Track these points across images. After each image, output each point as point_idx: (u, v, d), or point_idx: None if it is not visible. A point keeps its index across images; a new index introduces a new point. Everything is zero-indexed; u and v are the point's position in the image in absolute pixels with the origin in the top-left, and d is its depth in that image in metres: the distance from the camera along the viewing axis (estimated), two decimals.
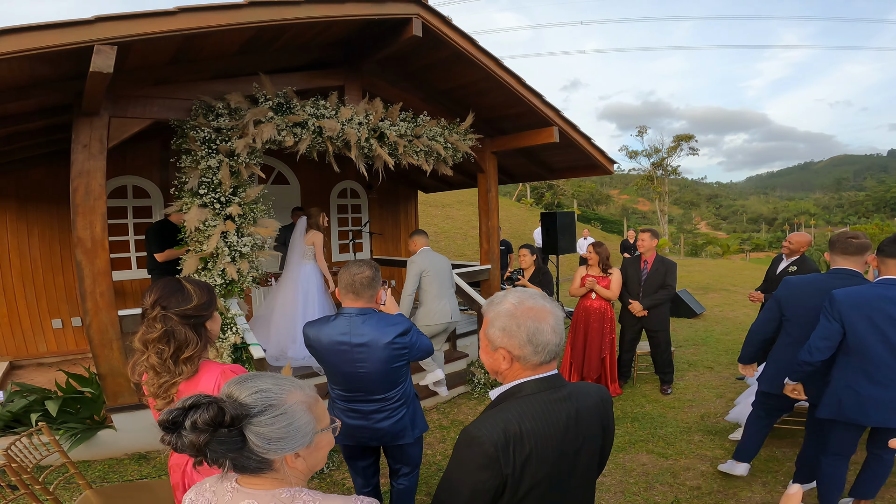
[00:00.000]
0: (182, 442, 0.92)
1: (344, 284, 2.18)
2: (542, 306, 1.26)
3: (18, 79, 2.94)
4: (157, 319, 1.53)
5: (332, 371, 2.24)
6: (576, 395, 1.28)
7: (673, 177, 35.52)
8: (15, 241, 5.32)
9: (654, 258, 4.86)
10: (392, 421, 2.29)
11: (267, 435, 0.95)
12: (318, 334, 2.19)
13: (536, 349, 1.23)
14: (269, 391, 0.99)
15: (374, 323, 2.16)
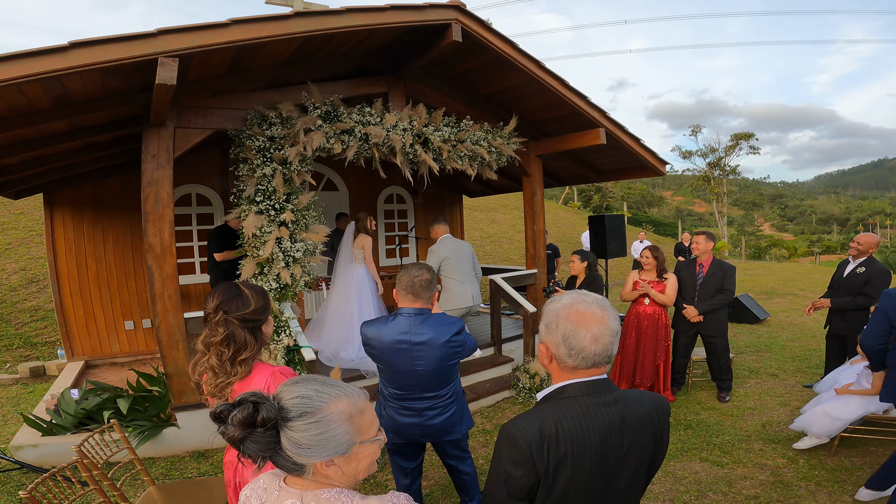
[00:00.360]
0: (226, 435, 0.98)
1: (403, 286, 2.27)
2: (590, 312, 1.23)
3: (91, 91, 3.18)
4: (220, 323, 1.63)
5: (390, 369, 2.31)
6: (624, 402, 1.25)
7: (732, 177, 33.72)
8: (91, 247, 5.79)
9: (710, 261, 4.67)
10: (444, 417, 2.37)
11: (298, 440, 0.97)
12: (379, 334, 2.27)
13: (570, 352, 1.22)
14: (308, 398, 0.99)
15: (432, 323, 2.26)
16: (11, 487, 3.23)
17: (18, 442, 3.54)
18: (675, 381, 4.86)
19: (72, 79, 2.78)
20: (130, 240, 5.95)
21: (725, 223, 31.50)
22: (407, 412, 2.36)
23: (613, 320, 1.25)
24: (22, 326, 6.72)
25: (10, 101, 2.92)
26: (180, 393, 3.70)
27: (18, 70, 2.49)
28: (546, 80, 4.63)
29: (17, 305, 7.06)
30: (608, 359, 1.25)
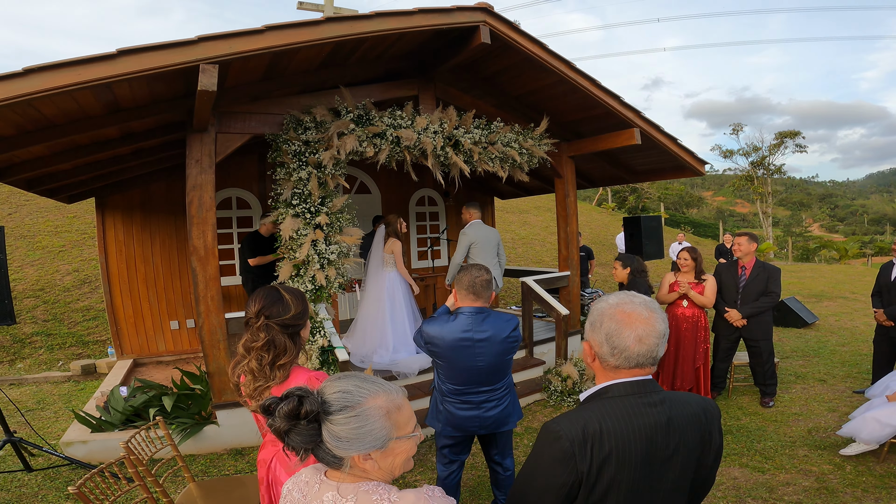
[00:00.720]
0: (273, 427, 1.02)
1: (465, 286, 2.41)
2: (636, 313, 1.22)
3: (139, 98, 3.33)
4: (261, 328, 1.66)
5: (451, 366, 2.43)
6: (670, 402, 1.23)
7: (777, 176, 32.32)
8: (140, 249, 6.08)
9: (753, 263, 4.52)
10: (500, 409, 2.50)
11: (338, 434, 1.01)
12: (441, 332, 2.40)
13: (613, 351, 1.22)
14: (349, 392, 1.04)
15: (492, 320, 2.42)
16: (60, 483, 3.35)
17: (69, 438, 3.68)
18: (715, 385, 4.73)
19: (121, 85, 2.92)
20: (176, 242, 6.22)
21: (770, 224, 30.18)
22: (466, 406, 2.48)
23: (661, 322, 1.24)
24: (75, 326, 7.11)
25: (63, 107, 3.08)
26: (221, 391, 3.82)
27: (70, 77, 2.62)
28: (577, 81, 4.58)
29: (71, 305, 7.48)
30: (653, 360, 1.23)
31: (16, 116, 2.98)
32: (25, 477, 3.42)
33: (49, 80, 2.59)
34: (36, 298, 7.45)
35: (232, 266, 6.34)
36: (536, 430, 4.16)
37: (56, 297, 7.58)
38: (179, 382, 4.07)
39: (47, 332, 6.90)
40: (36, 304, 7.35)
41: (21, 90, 2.54)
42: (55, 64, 2.61)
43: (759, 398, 4.64)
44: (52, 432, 4.21)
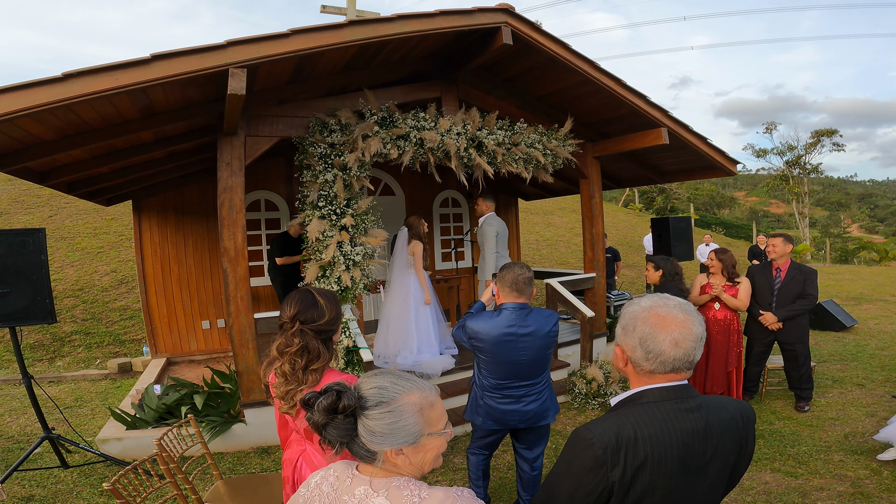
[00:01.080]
0: (311, 421, 1.06)
1: (508, 283, 2.49)
2: (671, 316, 1.19)
3: (172, 102, 3.44)
4: (296, 334, 1.67)
5: (495, 360, 2.51)
6: (707, 407, 1.20)
7: (814, 175, 31.16)
8: (174, 250, 6.28)
9: (788, 265, 4.39)
10: (539, 402, 2.58)
11: (372, 428, 1.03)
12: (486, 328, 2.48)
13: (647, 355, 1.19)
14: (385, 388, 1.07)
15: (535, 315, 2.51)
16: (94, 480, 3.43)
17: (104, 435, 3.78)
18: (747, 389, 4.61)
19: (155, 90, 3.01)
20: (207, 243, 6.39)
21: (807, 225, 29.11)
22: (506, 400, 2.56)
23: (697, 325, 1.20)
24: (112, 325, 7.39)
25: (102, 112, 3.20)
26: (249, 390, 3.91)
27: (109, 82, 2.71)
28: (601, 81, 4.52)
29: (108, 305, 7.78)
30: (690, 364, 1.19)
31: (57, 121, 3.11)
32: (62, 473, 3.52)
33: (88, 84, 2.67)
34: (75, 298, 7.77)
35: (260, 267, 6.48)
36: (559, 433, 4.13)
37: (94, 296, 7.89)
38: (210, 381, 4.16)
39: (86, 331, 7.18)
40: (75, 303, 7.66)
41: (62, 95, 2.63)
42: (94, 69, 2.69)
43: (793, 402, 4.53)
44: (88, 429, 4.37)
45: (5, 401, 5.17)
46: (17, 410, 4.88)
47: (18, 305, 3.13)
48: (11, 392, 5.46)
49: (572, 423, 4.34)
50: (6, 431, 4.36)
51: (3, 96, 2.56)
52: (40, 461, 3.69)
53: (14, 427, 4.47)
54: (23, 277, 3.13)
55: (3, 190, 10.50)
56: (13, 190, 10.59)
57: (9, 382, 5.78)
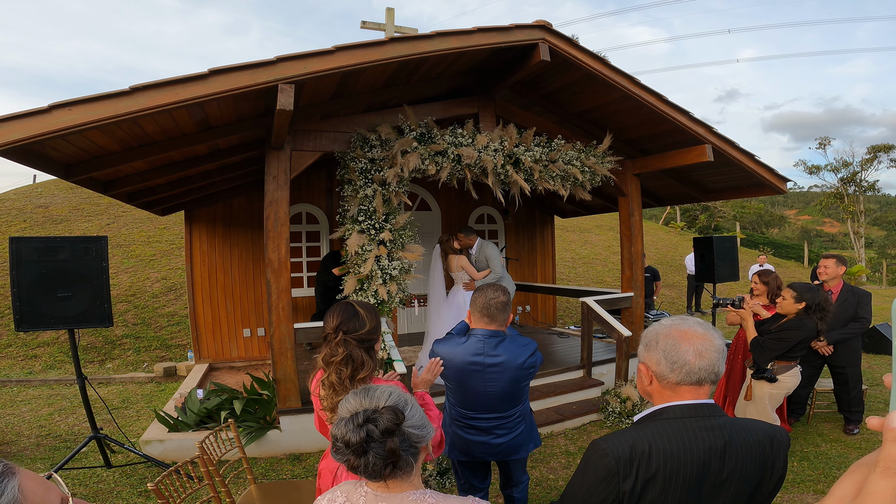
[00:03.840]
0: (378, 454, 1.05)
1: (479, 308, 2.25)
2: (691, 330, 1.25)
3: (226, 116, 3.61)
4: (339, 343, 1.71)
5: (459, 389, 2.31)
6: (731, 428, 1.20)
7: (870, 193, 29.51)
8: (221, 260, 6.54)
9: (840, 287, 4.25)
10: (512, 435, 2.34)
11: (415, 423, 1.09)
12: (451, 354, 2.26)
13: (672, 367, 1.22)
14: (395, 392, 1.14)
15: (506, 345, 2.24)
16: (135, 480, 3.53)
17: (148, 437, 3.90)
18: (794, 411, 4.47)
19: (211, 104, 3.17)
20: (251, 254, 6.64)
21: (863, 245, 27.50)
22: (473, 431, 2.34)
23: (717, 338, 1.25)
24: (160, 330, 7.74)
25: (162, 125, 3.40)
26: (286, 398, 4.00)
27: (170, 96, 2.87)
28: (642, 97, 4.47)
29: (158, 311, 8.15)
30: (715, 376, 1.23)
31: (122, 133, 3.32)
32: (104, 473, 3.65)
33: (152, 98, 2.84)
34: (128, 303, 8.19)
35: (300, 278, 6.67)
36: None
37: (145, 302, 8.29)
38: (249, 388, 4.29)
39: (136, 335, 7.55)
40: (128, 308, 8.08)
41: (128, 108, 2.80)
42: (157, 83, 2.85)
43: (842, 425, 4.39)
44: (133, 430, 4.55)
45: (56, 400, 5.46)
46: (67, 410, 5.13)
47: (79, 309, 3.33)
48: (62, 392, 5.77)
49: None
50: (55, 430, 4.58)
51: (74, 108, 2.73)
52: (85, 460, 3.84)
53: (63, 426, 4.69)
54: (84, 282, 3.34)
55: (64, 198, 11.25)
56: (74, 198, 11.33)
57: (61, 383, 6.12)
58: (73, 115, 2.74)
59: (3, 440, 4.30)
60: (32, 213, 10.66)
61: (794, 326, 3.26)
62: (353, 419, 1.07)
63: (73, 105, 2.75)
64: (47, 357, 6.92)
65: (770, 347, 3.26)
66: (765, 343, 3.29)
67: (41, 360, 6.84)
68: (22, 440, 4.31)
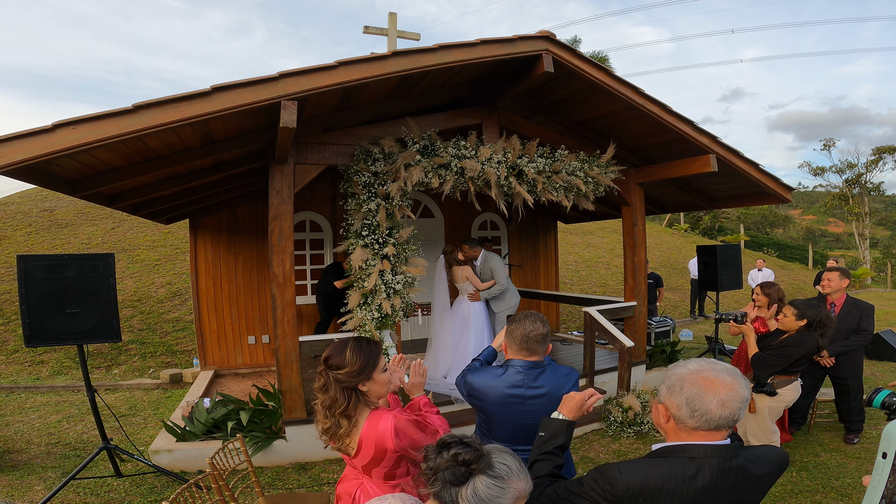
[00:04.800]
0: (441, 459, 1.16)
1: (517, 341, 2.12)
2: (719, 379, 1.27)
3: (229, 131, 3.63)
4: (321, 374, 1.79)
5: (496, 422, 2.18)
6: (743, 469, 1.27)
7: (874, 194, 29.37)
8: (225, 268, 6.58)
9: (843, 300, 4.28)
10: None
11: (478, 491, 1.13)
12: (487, 388, 2.13)
13: (692, 413, 1.26)
14: (510, 468, 1.18)
15: (547, 376, 2.14)
16: (145, 490, 3.57)
17: (157, 446, 3.94)
18: (795, 421, 4.50)
19: (215, 121, 3.20)
20: (255, 262, 6.67)
21: (867, 246, 27.37)
22: None
23: (744, 388, 1.28)
24: (165, 335, 7.79)
25: (167, 141, 3.42)
26: (291, 409, 4.04)
27: (174, 115, 2.88)
28: (646, 106, 4.47)
29: (163, 316, 8.21)
30: (733, 423, 1.27)
31: (126, 149, 3.34)
32: (115, 482, 3.70)
33: (156, 116, 2.85)
34: (133, 308, 8.25)
35: (303, 286, 6.70)
36: (591, 459, 4.13)
37: (151, 307, 8.35)
38: (256, 399, 4.32)
39: (142, 340, 7.60)
40: (133, 313, 8.13)
41: (132, 127, 2.81)
42: (160, 101, 2.87)
43: (842, 434, 4.42)
44: (140, 438, 4.60)
45: (64, 407, 5.51)
46: (75, 417, 5.18)
47: (87, 325, 3.37)
48: (70, 399, 5.82)
49: (605, 451, 4.31)
50: (64, 438, 4.63)
51: (78, 127, 2.75)
52: (95, 469, 3.88)
53: (72, 434, 4.74)
54: (92, 299, 3.38)
55: (70, 202, 11.31)
56: (79, 202, 11.40)
57: (68, 389, 6.18)
58: (78, 134, 2.75)
59: (13, 448, 4.35)
60: (38, 217, 10.74)
61: (796, 343, 3.30)
62: (464, 443, 1.18)
63: (78, 124, 2.76)
64: (54, 363, 6.98)
65: (771, 363, 3.31)
66: (766, 359, 3.34)
67: (48, 366, 6.91)
68: (32, 448, 4.37)
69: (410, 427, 1.78)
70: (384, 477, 1.82)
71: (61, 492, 3.48)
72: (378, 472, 1.80)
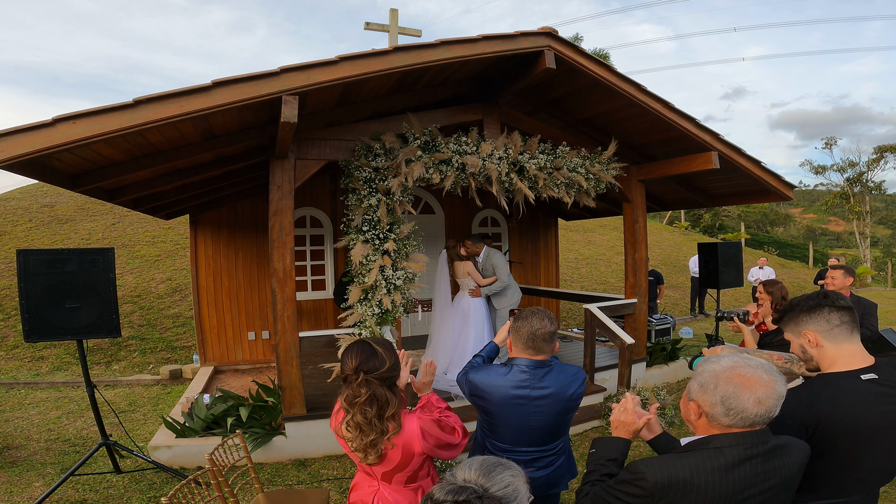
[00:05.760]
0: None
1: (523, 340, 2.03)
2: (755, 376, 1.25)
3: (230, 125, 3.61)
4: (361, 384, 1.68)
5: (499, 422, 2.09)
6: (773, 454, 1.27)
7: (875, 192, 29.33)
8: (226, 263, 6.57)
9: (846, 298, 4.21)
10: (551, 469, 2.15)
11: None
12: (491, 387, 2.05)
13: (727, 412, 1.25)
14: (514, 488, 1.11)
15: (554, 376, 2.05)
16: (144, 486, 3.57)
17: (156, 442, 3.95)
18: None
19: (215, 116, 3.17)
20: (255, 258, 6.66)
21: (868, 245, 27.34)
22: None
23: (780, 385, 1.26)
24: (165, 331, 7.78)
25: (167, 136, 3.40)
26: (291, 405, 4.03)
27: (174, 109, 2.86)
28: (648, 103, 4.45)
29: (163, 312, 8.20)
30: (769, 419, 1.26)
31: (127, 144, 3.32)
32: (114, 478, 3.70)
33: (157, 111, 2.83)
34: (133, 304, 8.24)
35: (304, 282, 6.69)
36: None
37: (151, 303, 8.34)
38: (255, 395, 4.32)
39: (141, 336, 7.60)
40: (133, 309, 8.12)
41: (132, 121, 2.80)
42: (161, 95, 2.85)
43: None
44: (140, 434, 4.60)
45: (63, 403, 5.50)
46: (75, 413, 5.18)
47: (87, 320, 3.36)
48: (70, 395, 5.82)
49: None
50: (63, 434, 4.63)
51: (78, 122, 2.73)
52: (95, 466, 3.89)
53: (71, 430, 4.74)
54: (92, 294, 3.36)
55: (70, 197, 11.29)
56: (79, 198, 11.38)
57: (68, 385, 6.18)
58: (78, 129, 2.74)
59: (12, 444, 4.35)
60: (38, 213, 10.72)
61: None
62: (458, 492, 1.05)
63: (78, 118, 2.75)
64: (54, 359, 6.97)
65: None
66: None
67: (48, 362, 6.90)
68: (31, 444, 4.36)
69: (434, 427, 1.75)
70: (406, 481, 1.78)
71: (60, 488, 3.47)
72: (400, 478, 1.77)
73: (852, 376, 1.54)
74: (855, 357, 1.57)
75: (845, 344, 1.59)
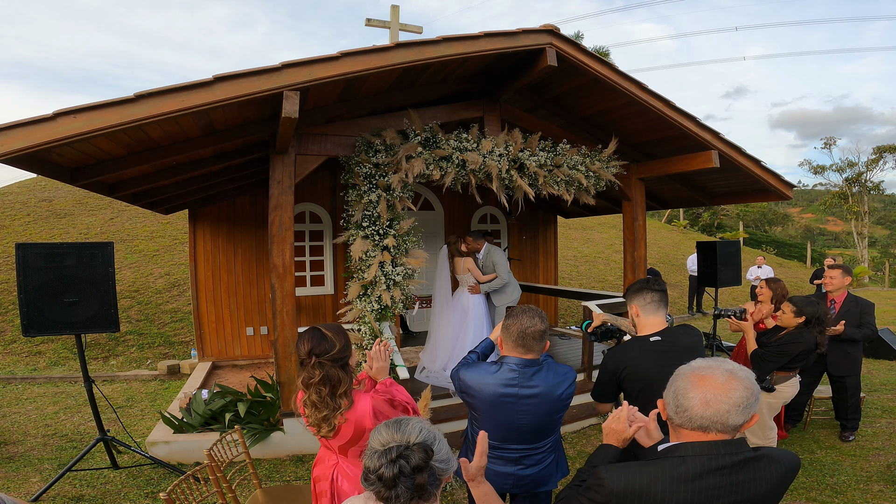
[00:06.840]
0: (407, 488, 1.12)
1: (513, 337, 2.02)
2: (712, 377, 1.20)
3: (231, 121, 3.61)
4: (315, 366, 1.85)
5: (488, 420, 2.08)
6: (752, 467, 1.19)
7: (874, 193, 29.40)
8: (224, 259, 6.55)
9: (843, 297, 4.29)
10: (540, 468, 2.15)
11: (442, 458, 1.16)
12: (481, 385, 2.04)
13: (676, 410, 1.24)
14: (427, 429, 1.20)
15: (543, 375, 2.03)
16: (141, 482, 3.55)
17: (153, 438, 3.93)
18: (791, 418, 4.53)
19: (216, 111, 3.17)
20: (254, 253, 6.65)
21: (866, 245, 27.41)
22: (499, 461, 2.12)
23: (739, 390, 1.18)
24: (163, 326, 7.77)
25: (168, 130, 3.39)
26: (289, 400, 4.00)
27: (175, 104, 2.86)
28: (648, 102, 4.44)
29: (161, 307, 8.18)
30: (722, 426, 1.19)
31: (127, 139, 3.31)
32: (111, 474, 3.67)
33: (157, 106, 2.83)
34: (131, 299, 8.22)
35: (303, 278, 6.68)
36: (587, 454, 4.12)
37: (149, 298, 8.32)
38: (254, 390, 4.31)
39: (139, 331, 7.58)
40: (131, 304, 8.11)
41: (133, 116, 2.79)
42: (162, 90, 2.84)
43: (838, 432, 4.43)
44: (138, 430, 4.58)
45: (61, 398, 5.48)
46: (72, 409, 5.16)
47: (86, 314, 3.35)
48: (67, 390, 5.80)
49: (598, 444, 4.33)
50: (61, 429, 4.60)
51: (78, 116, 2.73)
52: (92, 461, 3.87)
53: (68, 425, 4.71)
54: (91, 288, 3.35)
55: (68, 192, 11.26)
56: (78, 192, 11.34)
57: (65, 380, 6.16)
58: (78, 123, 2.73)
59: (9, 440, 4.34)
60: (36, 207, 10.68)
61: (794, 339, 3.33)
62: (385, 454, 1.14)
63: (78, 112, 2.74)
64: (51, 353, 6.96)
65: (770, 360, 3.35)
66: (765, 355, 3.37)
67: (45, 357, 6.89)
68: (28, 440, 4.35)
69: (386, 406, 1.93)
70: (361, 455, 1.87)
71: (57, 483, 3.45)
72: (355, 451, 1.93)
73: (646, 339, 2.13)
74: (655, 326, 2.16)
75: (652, 317, 2.17)
